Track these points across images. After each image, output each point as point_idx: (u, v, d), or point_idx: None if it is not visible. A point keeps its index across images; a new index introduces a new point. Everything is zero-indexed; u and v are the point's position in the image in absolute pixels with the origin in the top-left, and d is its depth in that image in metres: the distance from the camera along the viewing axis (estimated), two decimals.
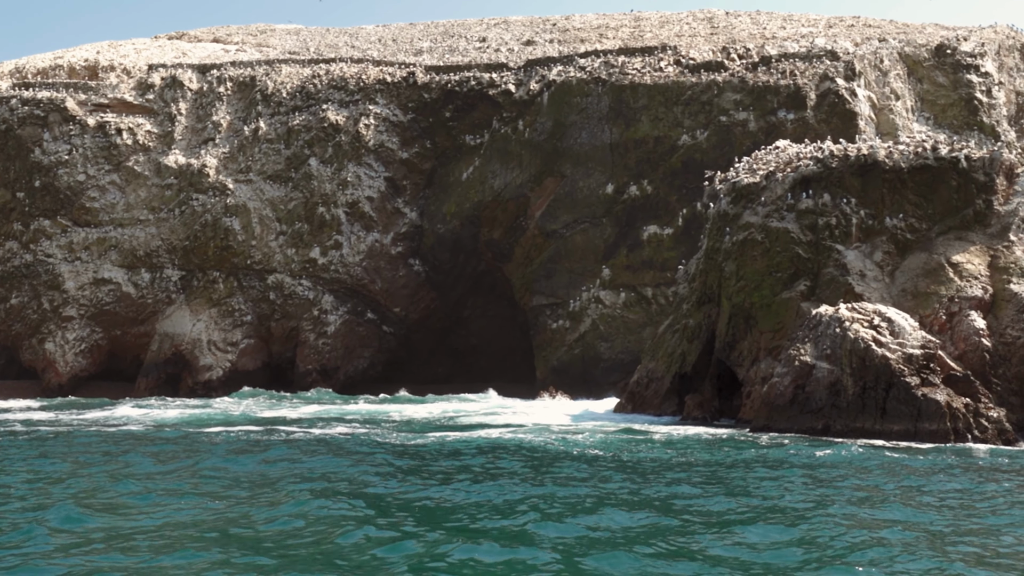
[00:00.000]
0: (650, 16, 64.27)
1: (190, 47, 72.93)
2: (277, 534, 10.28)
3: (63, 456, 18.22)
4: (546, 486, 13.99)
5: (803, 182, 27.50)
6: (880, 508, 12.50)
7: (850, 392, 22.60)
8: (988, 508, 12.90)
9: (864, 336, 22.73)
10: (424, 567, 8.96)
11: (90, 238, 57.76)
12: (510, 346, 59.56)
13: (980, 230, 25.91)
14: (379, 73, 58.30)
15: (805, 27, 55.26)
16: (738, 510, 12.11)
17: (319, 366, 55.88)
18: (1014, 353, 23.16)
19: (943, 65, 48.46)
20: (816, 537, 10.45)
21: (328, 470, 16.00)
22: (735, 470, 16.04)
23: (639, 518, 11.47)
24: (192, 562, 9.10)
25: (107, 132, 58.62)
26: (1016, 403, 22.67)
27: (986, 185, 26.35)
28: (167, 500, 12.75)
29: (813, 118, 45.30)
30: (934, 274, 25.06)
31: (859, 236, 26.32)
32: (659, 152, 49.69)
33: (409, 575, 8.73)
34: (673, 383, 31.26)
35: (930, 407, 21.54)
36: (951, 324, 24.03)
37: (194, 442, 21.10)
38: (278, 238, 56.76)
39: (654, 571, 8.86)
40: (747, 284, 27.86)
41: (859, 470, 16.54)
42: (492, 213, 54.88)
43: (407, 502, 12.59)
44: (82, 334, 57.03)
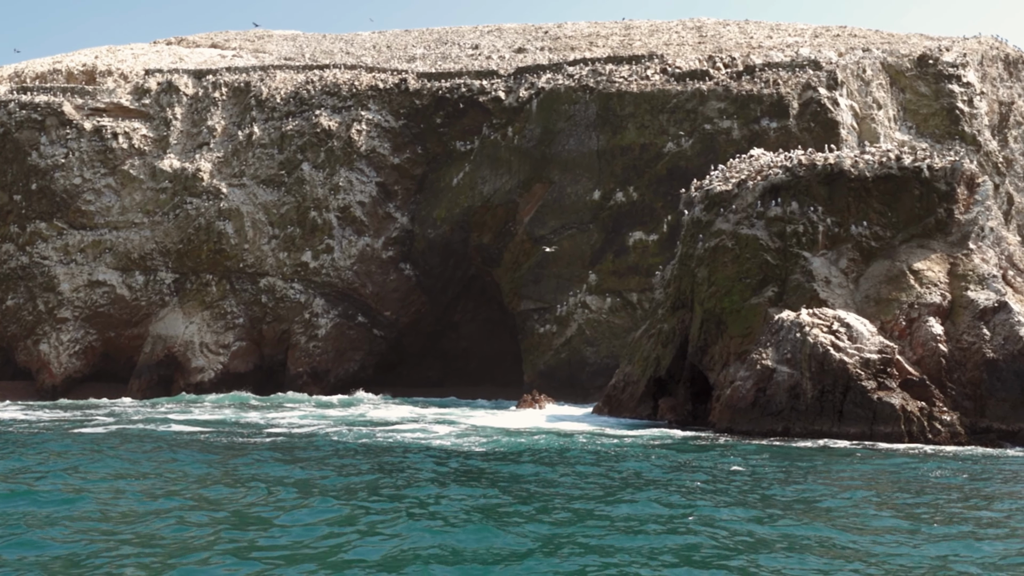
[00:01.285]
0: (640, 25, 64.98)
1: (187, 52, 73.76)
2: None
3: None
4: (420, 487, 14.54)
5: (772, 190, 28.14)
6: (747, 509, 12.83)
7: (809, 395, 23.21)
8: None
9: (823, 341, 23.33)
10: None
11: (85, 240, 58.50)
12: (500, 350, 60.21)
13: (941, 238, 26.52)
14: (372, 79, 59.04)
15: (792, 36, 55.95)
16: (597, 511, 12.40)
17: (310, 369, 56.53)
18: (969, 358, 23.74)
19: (925, 75, 49.11)
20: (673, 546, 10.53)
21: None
22: (651, 472, 16.59)
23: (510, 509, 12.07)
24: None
25: (103, 136, 59.40)
26: (970, 407, 23.25)
27: (948, 194, 26.96)
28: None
29: (796, 127, 45.95)
30: (896, 281, 25.66)
31: (825, 243, 26.94)
32: (645, 159, 50.36)
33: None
34: (648, 387, 31.88)
35: (885, 410, 22.13)
36: (910, 330, 24.62)
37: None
38: (270, 242, 57.47)
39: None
40: (718, 290, 28.49)
41: (781, 471, 17.10)
42: (482, 218, 55.56)
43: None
44: (76, 335, 57.74)
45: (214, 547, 10.01)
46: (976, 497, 14.23)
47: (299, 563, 9.41)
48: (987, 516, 12.58)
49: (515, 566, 9.22)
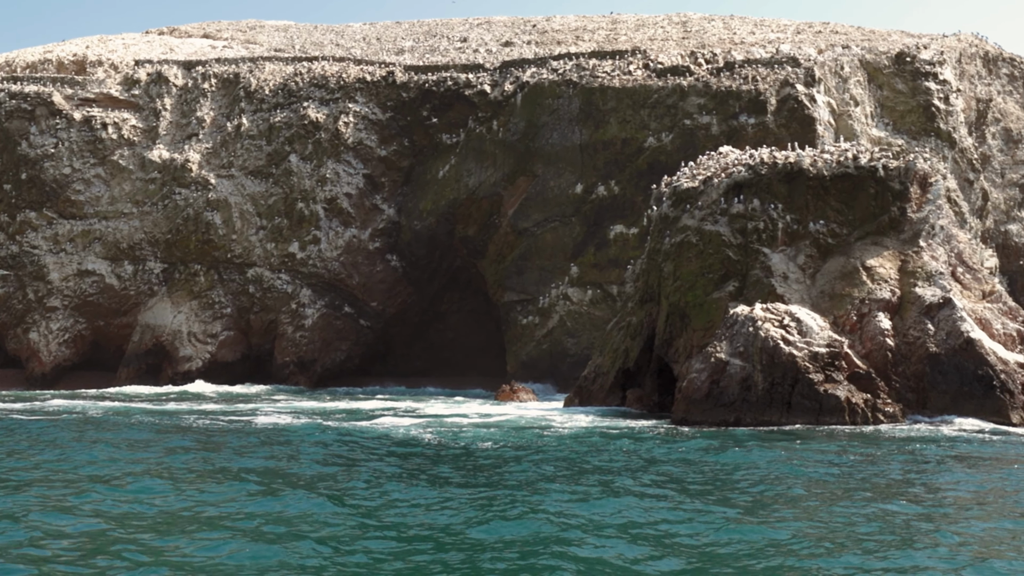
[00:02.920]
0: (627, 19, 65.52)
1: (178, 43, 74.23)
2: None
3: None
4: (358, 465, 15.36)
5: (736, 187, 28.86)
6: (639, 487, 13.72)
7: (760, 387, 23.98)
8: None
9: (774, 335, 24.09)
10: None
11: (75, 230, 59.22)
12: (486, 340, 60.96)
13: (894, 236, 27.25)
14: (359, 72, 59.61)
15: (774, 32, 56.53)
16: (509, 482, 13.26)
17: (296, 358, 57.31)
18: (914, 352, 24.52)
19: (902, 72, 49.72)
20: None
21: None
22: (562, 456, 17.41)
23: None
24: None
25: (93, 126, 60.04)
26: (912, 399, 24.04)
27: (901, 193, 27.68)
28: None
29: (773, 123, 46.60)
30: (849, 277, 26.41)
31: (784, 240, 27.68)
32: (626, 153, 51.02)
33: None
34: (617, 378, 32.65)
35: (831, 402, 22.93)
36: (861, 324, 25.39)
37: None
38: (258, 232, 58.17)
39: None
40: (683, 284, 29.25)
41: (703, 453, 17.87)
42: (467, 210, 56.26)
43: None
44: (66, 324, 58.53)
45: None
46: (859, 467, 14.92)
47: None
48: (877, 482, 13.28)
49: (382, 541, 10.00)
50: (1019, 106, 58.26)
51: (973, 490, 13.81)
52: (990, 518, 11.38)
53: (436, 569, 8.95)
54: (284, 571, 8.90)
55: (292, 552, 9.33)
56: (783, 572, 9.19)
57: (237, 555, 9.22)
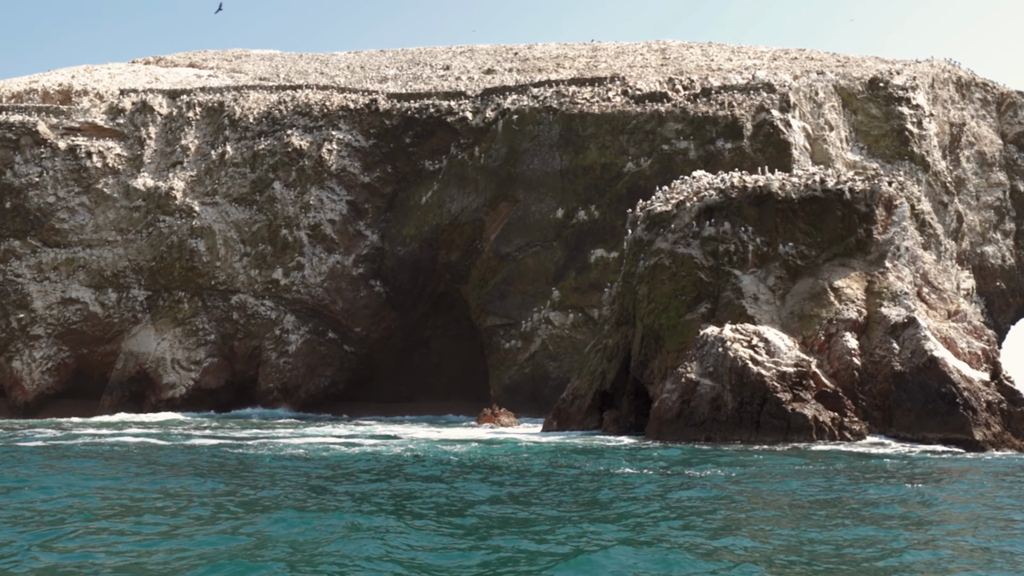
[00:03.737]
0: (607, 47, 66.47)
1: (164, 72, 74.84)
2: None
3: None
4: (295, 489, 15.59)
5: (707, 211, 29.37)
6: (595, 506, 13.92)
7: (729, 407, 24.32)
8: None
9: (742, 355, 24.47)
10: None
11: (59, 258, 59.37)
12: (470, 365, 61.21)
13: (861, 257, 27.76)
14: (343, 100, 60.25)
15: (751, 59, 57.47)
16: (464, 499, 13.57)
17: (280, 384, 57.43)
18: (879, 371, 24.93)
19: (876, 97, 50.62)
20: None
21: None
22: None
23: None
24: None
25: (77, 155, 60.40)
26: (878, 416, 24.42)
27: (867, 215, 28.26)
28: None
29: (749, 147, 47.32)
30: (818, 298, 26.88)
31: (755, 262, 28.14)
32: (606, 179, 51.66)
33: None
34: (594, 400, 32.93)
35: (798, 420, 23.28)
36: (829, 344, 25.81)
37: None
38: (242, 259, 58.43)
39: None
40: (657, 306, 29.66)
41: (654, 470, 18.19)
42: (450, 236, 56.72)
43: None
44: (49, 352, 58.51)
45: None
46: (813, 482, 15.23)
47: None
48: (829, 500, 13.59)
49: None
50: (993, 130, 59.27)
51: (922, 505, 14.14)
52: (953, 535, 11.70)
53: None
54: None
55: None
56: None
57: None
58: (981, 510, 13.79)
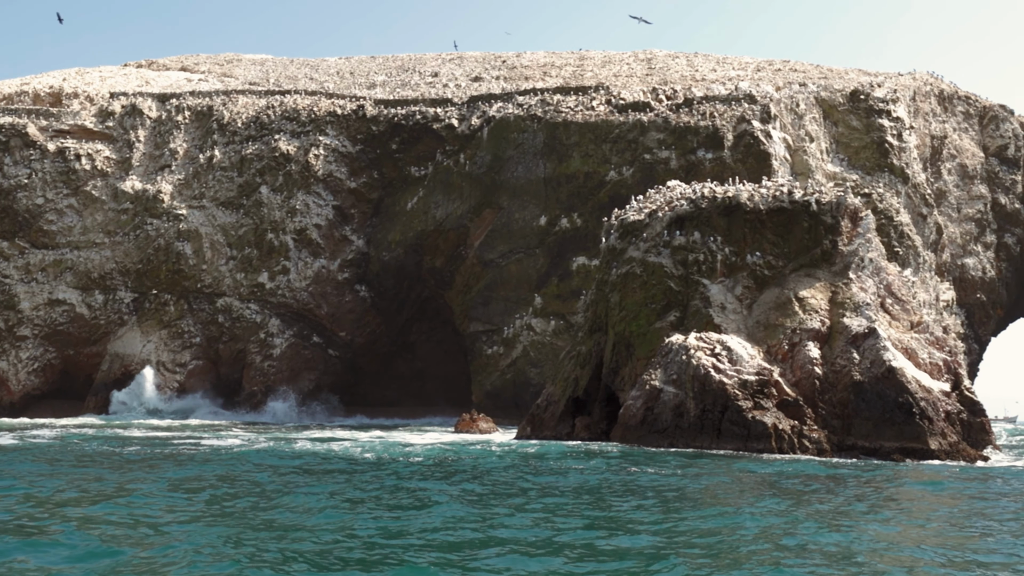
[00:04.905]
0: (595, 56, 66.98)
1: (155, 75, 75.21)
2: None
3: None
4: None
5: (678, 221, 29.80)
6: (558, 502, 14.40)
7: (692, 414, 24.70)
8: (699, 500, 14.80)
9: (705, 363, 24.86)
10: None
11: (47, 260, 59.63)
12: (455, 370, 61.59)
13: (826, 268, 28.19)
14: (330, 105, 60.66)
15: (735, 70, 57.98)
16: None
17: (264, 387, 57.70)
18: (840, 380, 25.33)
19: (857, 109, 51.13)
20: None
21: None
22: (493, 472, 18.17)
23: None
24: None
25: (66, 157, 60.72)
26: (837, 425, 24.80)
27: (833, 227, 28.69)
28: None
29: (730, 158, 47.77)
30: (783, 308, 27.28)
31: (723, 271, 28.56)
32: (588, 187, 52.10)
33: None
34: (567, 406, 33.26)
35: (758, 428, 23.65)
36: (792, 353, 26.20)
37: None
38: (228, 263, 58.76)
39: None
40: (628, 314, 30.05)
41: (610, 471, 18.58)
42: (434, 242, 57.12)
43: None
44: (35, 353, 58.75)
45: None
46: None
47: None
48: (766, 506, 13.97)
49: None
50: (975, 143, 59.83)
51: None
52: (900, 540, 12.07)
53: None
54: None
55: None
56: None
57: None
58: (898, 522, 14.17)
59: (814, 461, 22.15)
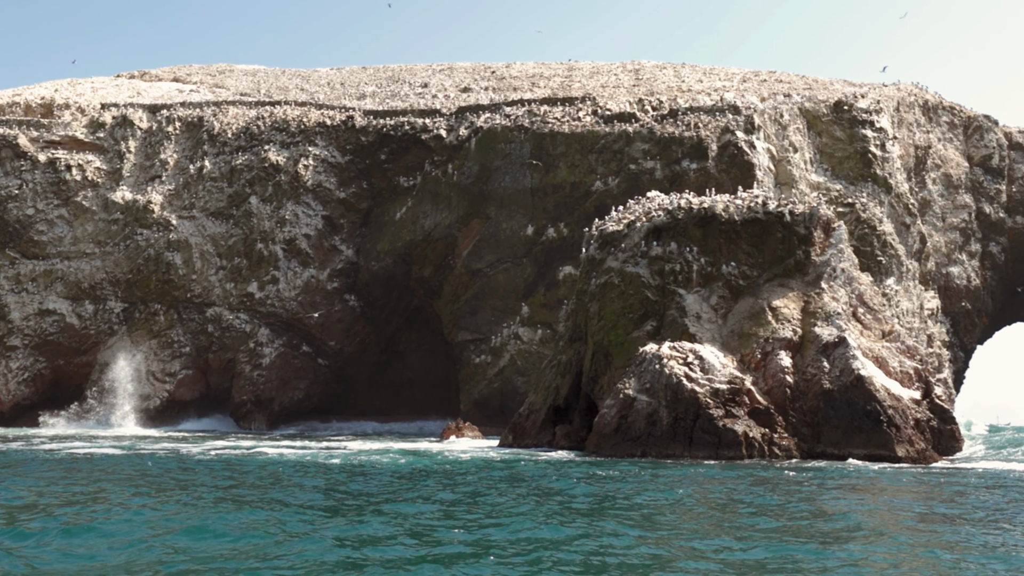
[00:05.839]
0: (583, 66, 67.48)
1: (147, 86, 75.61)
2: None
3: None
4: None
5: (655, 231, 30.15)
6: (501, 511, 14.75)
7: (664, 422, 25.01)
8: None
9: (677, 372, 25.18)
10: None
11: (37, 270, 59.92)
12: (444, 379, 61.80)
13: (799, 278, 28.55)
14: (320, 116, 61.06)
15: (721, 80, 58.47)
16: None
17: (254, 397, 57.94)
18: (810, 388, 25.66)
19: (840, 120, 51.59)
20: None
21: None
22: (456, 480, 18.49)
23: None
24: None
25: (57, 168, 61.06)
26: (807, 433, 25.11)
27: (806, 237, 29.06)
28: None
29: (714, 168, 48.18)
30: (757, 317, 27.62)
31: (699, 281, 28.90)
32: (575, 197, 52.48)
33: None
34: (548, 415, 33.57)
35: (729, 436, 23.96)
36: (764, 362, 26.53)
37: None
38: (217, 272, 59.05)
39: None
40: (606, 324, 30.38)
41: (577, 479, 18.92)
42: (423, 252, 57.45)
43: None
44: (26, 363, 58.99)
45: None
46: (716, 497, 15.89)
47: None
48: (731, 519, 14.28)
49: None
50: (959, 152, 60.30)
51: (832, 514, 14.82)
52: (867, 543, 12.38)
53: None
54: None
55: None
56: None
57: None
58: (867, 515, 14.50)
59: (769, 466, 22.41)
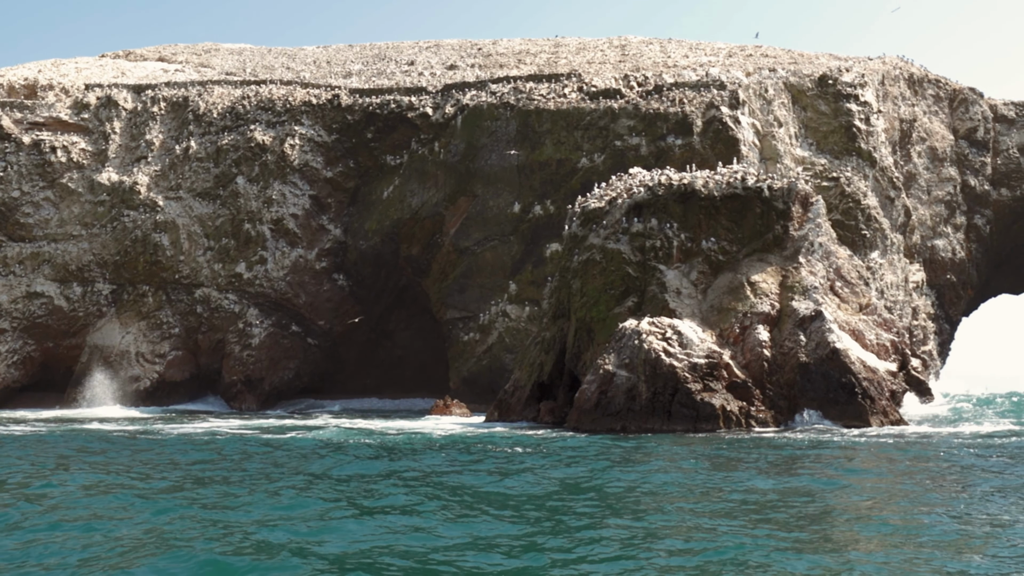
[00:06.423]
0: (570, 43, 67.25)
1: (131, 66, 75.12)
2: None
3: None
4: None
5: (636, 208, 30.30)
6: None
7: (643, 397, 25.31)
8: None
9: (656, 347, 25.45)
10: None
11: (24, 253, 59.80)
12: (434, 357, 62.07)
13: (778, 252, 28.77)
14: (306, 95, 60.83)
15: (707, 56, 58.38)
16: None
17: (244, 377, 58.11)
18: (787, 361, 25.97)
19: (825, 94, 51.62)
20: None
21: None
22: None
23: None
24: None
25: (42, 150, 60.77)
26: (784, 406, 25.45)
27: (784, 212, 29.25)
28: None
29: (699, 143, 48.24)
30: (736, 292, 27.86)
31: (679, 257, 29.12)
32: (561, 174, 52.54)
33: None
34: (533, 391, 33.86)
35: (707, 410, 24.28)
36: (743, 336, 26.81)
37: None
38: (205, 253, 59.04)
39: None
40: (588, 300, 30.60)
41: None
42: (410, 230, 57.52)
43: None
44: (15, 346, 59.01)
45: None
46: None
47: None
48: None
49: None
50: (944, 126, 60.41)
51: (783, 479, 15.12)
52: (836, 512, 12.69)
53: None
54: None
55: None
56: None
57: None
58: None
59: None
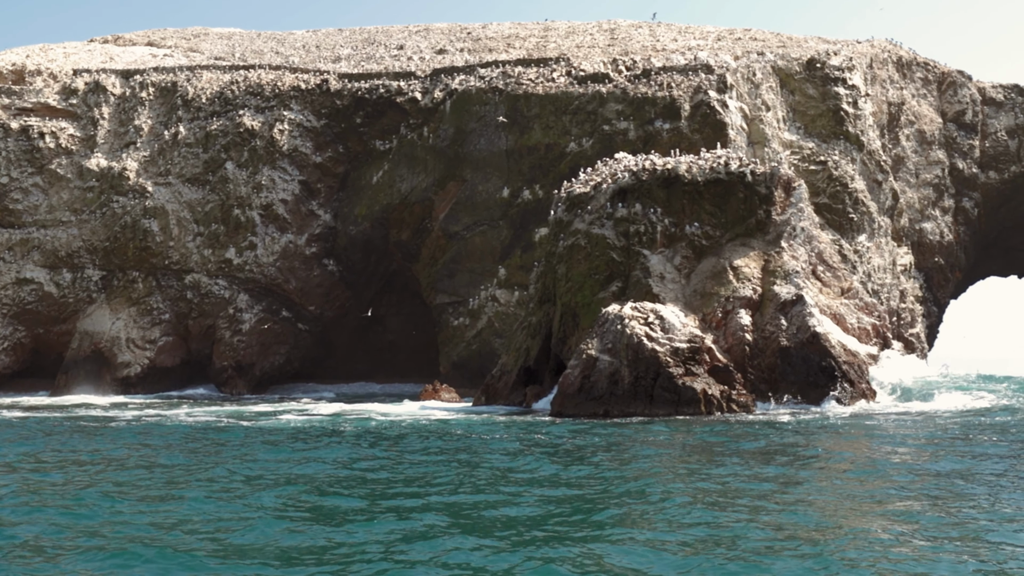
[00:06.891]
0: (559, 27, 67.10)
1: (120, 51, 74.77)
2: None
3: None
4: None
5: (620, 193, 30.43)
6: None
7: (626, 381, 25.54)
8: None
9: (638, 332, 25.65)
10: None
11: (13, 239, 59.76)
12: (425, 342, 62.28)
13: (760, 237, 28.96)
14: (295, 80, 60.68)
15: (696, 40, 58.33)
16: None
17: (235, 363, 58.25)
18: (768, 346, 26.21)
19: (813, 78, 51.67)
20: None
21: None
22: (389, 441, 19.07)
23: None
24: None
25: (30, 136, 60.61)
26: (764, 389, 25.71)
27: (767, 197, 29.41)
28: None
29: (687, 128, 48.27)
30: (718, 276, 28.07)
31: (663, 242, 29.28)
32: (549, 159, 52.56)
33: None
34: (519, 376, 34.08)
35: (688, 394, 24.52)
36: (725, 321, 27.03)
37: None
38: (195, 239, 59.04)
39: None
40: (573, 285, 30.77)
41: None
42: (400, 215, 57.56)
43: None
44: (5, 332, 59.07)
45: None
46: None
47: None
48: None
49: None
50: (933, 108, 60.51)
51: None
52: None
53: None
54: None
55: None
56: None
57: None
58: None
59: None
